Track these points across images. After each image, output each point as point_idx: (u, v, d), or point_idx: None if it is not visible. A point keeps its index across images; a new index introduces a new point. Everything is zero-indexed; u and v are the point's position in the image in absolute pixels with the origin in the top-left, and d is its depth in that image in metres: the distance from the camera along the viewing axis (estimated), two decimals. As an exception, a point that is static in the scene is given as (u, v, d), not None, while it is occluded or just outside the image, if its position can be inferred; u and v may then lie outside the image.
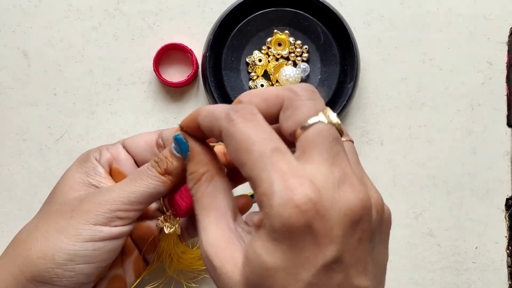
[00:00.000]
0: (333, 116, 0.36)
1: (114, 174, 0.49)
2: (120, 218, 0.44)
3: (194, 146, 0.41)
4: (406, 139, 0.59)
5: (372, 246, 0.35)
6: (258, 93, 0.38)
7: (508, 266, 0.58)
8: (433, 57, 0.59)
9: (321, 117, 0.35)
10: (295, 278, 0.33)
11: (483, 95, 0.59)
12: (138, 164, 0.50)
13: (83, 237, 0.43)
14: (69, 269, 0.43)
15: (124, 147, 0.50)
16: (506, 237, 0.59)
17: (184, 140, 0.41)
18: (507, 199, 0.59)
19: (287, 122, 0.36)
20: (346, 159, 0.35)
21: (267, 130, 0.35)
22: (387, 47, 0.59)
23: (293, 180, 0.33)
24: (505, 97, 0.59)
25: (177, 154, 0.44)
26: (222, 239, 0.37)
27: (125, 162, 0.49)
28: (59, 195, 0.46)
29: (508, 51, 0.60)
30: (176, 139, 0.42)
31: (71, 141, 0.58)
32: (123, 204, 0.43)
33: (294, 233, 0.32)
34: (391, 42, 0.59)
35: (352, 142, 0.39)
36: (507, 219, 0.59)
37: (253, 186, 0.34)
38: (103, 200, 0.43)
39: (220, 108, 0.37)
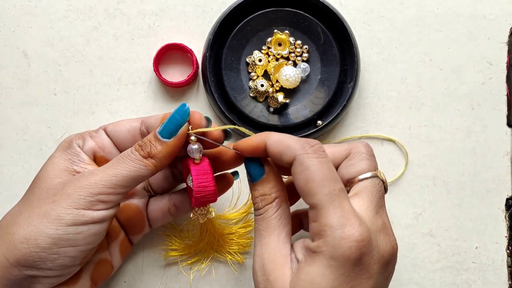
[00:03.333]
0: (384, 176, 0.46)
1: (99, 162, 0.49)
2: (103, 201, 0.43)
3: (271, 171, 0.46)
4: (406, 139, 0.59)
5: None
6: (326, 145, 0.46)
7: (508, 266, 0.58)
8: (433, 57, 0.59)
9: (378, 173, 0.45)
10: None
11: (483, 95, 0.59)
12: (120, 151, 0.50)
13: (65, 221, 0.42)
14: (52, 252, 0.43)
15: (107, 135, 0.50)
16: (506, 237, 0.59)
17: (260, 165, 0.46)
18: (507, 199, 0.59)
19: (350, 169, 0.45)
20: (385, 212, 0.44)
21: (335, 171, 0.42)
22: (387, 47, 0.60)
23: (354, 220, 0.40)
24: (505, 97, 0.59)
25: (162, 139, 0.45)
26: (281, 258, 0.43)
27: (111, 150, 0.49)
28: (43, 181, 0.46)
29: (508, 51, 0.60)
30: (252, 162, 0.46)
31: (71, 141, 0.58)
32: (106, 188, 0.43)
33: (348, 263, 0.39)
34: (391, 42, 0.59)
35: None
36: (507, 219, 0.59)
37: (317, 214, 0.41)
38: (85, 183, 0.43)
39: (294, 139, 0.43)
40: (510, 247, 0.59)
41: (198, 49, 0.58)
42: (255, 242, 0.45)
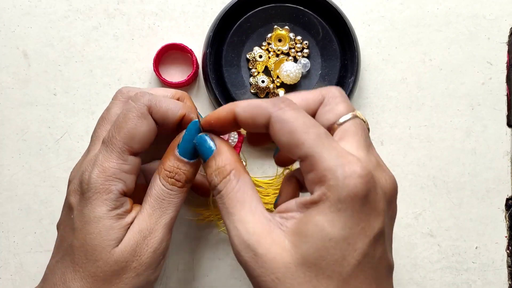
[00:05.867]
0: (363, 116, 0.42)
1: (139, 190, 0.47)
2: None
3: (222, 144, 0.43)
4: (406, 139, 0.59)
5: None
6: (297, 93, 0.43)
7: (508, 266, 0.58)
8: (433, 57, 0.60)
9: (357, 114, 0.41)
10: (353, 248, 0.36)
11: (483, 95, 0.59)
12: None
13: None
14: None
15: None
16: (506, 237, 0.59)
17: (210, 139, 0.43)
18: (507, 199, 0.59)
19: (328, 115, 0.41)
20: (375, 150, 0.41)
21: (312, 118, 0.39)
22: (387, 47, 0.60)
23: (351, 157, 0.37)
24: (505, 97, 0.59)
25: (184, 159, 0.44)
26: (263, 228, 0.38)
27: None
28: (101, 252, 0.43)
29: (508, 51, 0.60)
30: (201, 139, 0.43)
31: (71, 141, 0.58)
32: (168, 234, 0.45)
33: (356, 202, 0.36)
34: (391, 42, 0.60)
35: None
36: (507, 219, 0.59)
37: (311, 163, 0.37)
38: (156, 255, 0.44)
39: (263, 100, 0.40)
40: (510, 247, 0.58)
41: (198, 49, 0.58)
42: (225, 224, 0.40)
